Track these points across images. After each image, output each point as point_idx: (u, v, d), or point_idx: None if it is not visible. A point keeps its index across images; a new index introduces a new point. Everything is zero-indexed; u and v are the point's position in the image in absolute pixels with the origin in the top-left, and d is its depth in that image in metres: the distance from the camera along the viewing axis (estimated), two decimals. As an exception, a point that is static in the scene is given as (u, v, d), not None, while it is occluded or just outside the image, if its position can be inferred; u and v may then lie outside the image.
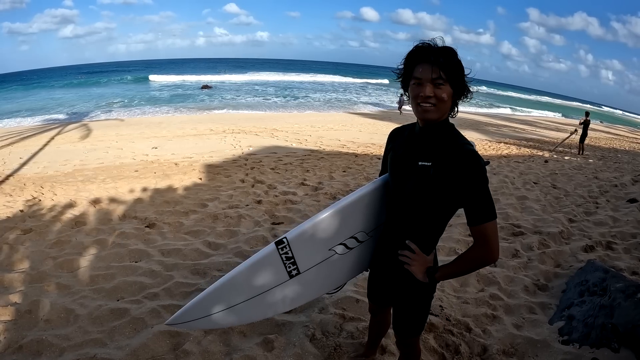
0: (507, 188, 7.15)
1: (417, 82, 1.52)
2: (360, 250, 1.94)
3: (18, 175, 7.98)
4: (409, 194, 1.64)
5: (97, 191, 6.36)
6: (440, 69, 1.47)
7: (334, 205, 1.82)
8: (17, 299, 3.12)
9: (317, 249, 1.84)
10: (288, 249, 1.78)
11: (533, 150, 14.20)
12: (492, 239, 1.51)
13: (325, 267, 1.88)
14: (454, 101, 1.58)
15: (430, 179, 1.54)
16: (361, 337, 2.67)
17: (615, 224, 5.30)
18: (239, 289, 1.81)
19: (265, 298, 1.84)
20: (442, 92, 1.49)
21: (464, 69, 1.53)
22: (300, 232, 1.79)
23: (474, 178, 1.48)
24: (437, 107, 1.51)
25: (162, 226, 4.81)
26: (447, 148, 1.53)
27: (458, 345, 2.68)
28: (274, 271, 1.81)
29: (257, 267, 1.80)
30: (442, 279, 1.67)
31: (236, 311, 1.83)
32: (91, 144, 11.48)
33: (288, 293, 1.86)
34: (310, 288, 1.92)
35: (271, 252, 1.78)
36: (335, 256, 1.88)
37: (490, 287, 3.54)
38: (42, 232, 4.56)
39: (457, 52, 1.52)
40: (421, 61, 1.51)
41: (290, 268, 1.81)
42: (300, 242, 1.79)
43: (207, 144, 11.45)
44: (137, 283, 3.43)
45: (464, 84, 1.55)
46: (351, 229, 1.87)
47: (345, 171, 8.31)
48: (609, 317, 2.72)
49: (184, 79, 43.57)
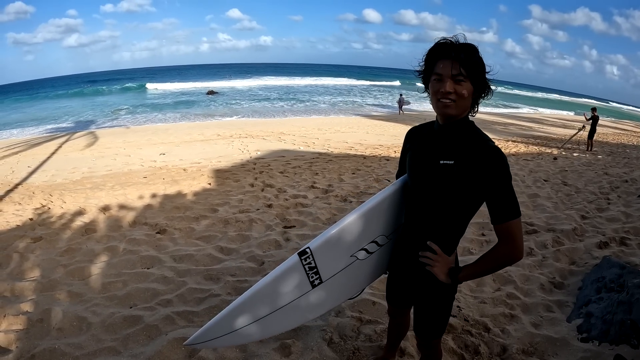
0: (517, 186, 7.09)
1: (438, 78, 1.50)
2: (380, 254, 1.91)
3: (27, 183, 8.02)
4: (431, 194, 1.62)
5: (106, 198, 6.37)
6: (460, 65, 1.44)
7: (357, 210, 1.79)
8: (28, 307, 3.11)
9: (340, 257, 1.81)
10: (311, 259, 1.75)
11: (541, 148, 14.13)
12: (517, 236, 1.50)
13: (347, 273, 1.85)
14: (474, 99, 1.55)
15: (454, 178, 1.52)
16: (379, 340, 2.65)
17: (628, 220, 5.25)
18: (264, 301, 1.77)
19: (288, 311, 1.81)
20: (463, 89, 1.47)
21: (485, 66, 1.51)
22: (323, 240, 1.76)
23: (500, 175, 1.46)
24: (457, 103, 1.49)
25: (173, 232, 4.80)
26: (469, 145, 1.51)
27: (477, 346, 2.65)
28: (296, 282, 1.78)
29: (281, 279, 1.76)
30: (465, 280, 1.64)
31: (260, 324, 1.79)
32: (99, 151, 11.53)
33: (310, 303, 1.83)
34: (332, 296, 1.89)
35: (295, 264, 1.75)
36: (357, 262, 1.85)
37: (507, 287, 3.51)
38: (52, 240, 4.55)
39: (479, 49, 1.50)
40: (442, 57, 1.49)
41: (313, 278, 1.79)
42: (323, 251, 1.77)
43: (214, 149, 11.48)
44: (150, 290, 3.41)
45: (484, 82, 1.52)
46: (372, 233, 1.85)
47: (355, 173, 8.29)
48: (628, 313, 2.69)
49: (182, 87, 43.14)
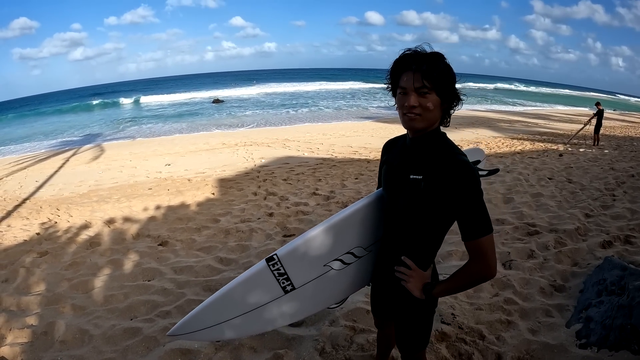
0: (521, 186, 7.04)
1: (403, 92, 1.47)
2: (359, 265, 1.91)
3: (34, 198, 8.14)
4: (402, 209, 1.60)
5: (112, 211, 6.45)
6: (423, 77, 1.41)
7: (325, 222, 1.80)
8: (33, 321, 3.19)
9: (311, 266, 1.82)
10: (280, 265, 1.76)
11: (547, 144, 14.01)
12: (488, 254, 1.43)
13: (323, 282, 1.86)
14: (444, 110, 1.52)
15: (422, 194, 1.49)
16: (372, 350, 2.64)
17: (634, 217, 5.17)
18: (232, 305, 1.79)
19: (262, 313, 1.83)
20: (427, 102, 1.43)
21: (453, 76, 1.47)
22: (291, 249, 1.78)
23: (467, 191, 1.41)
24: (422, 116, 1.45)
25: (175, 243, 4.86)
26: (438, 160, 1.47)
27: (471, 354, 2.62)
28: (267, 287, 1.80)
29: (250, 283, 1.79)
30: (439, 296, 1.62)
31: (233, 325, 1.82)
32: (105, 164, 11.66)
33: (286, 308, 1.85)
34: (309, 303, 1.90)
35: (262, 269, 1.77)
36: (332, 272, 1.85)
37: (505, 291, 3.46)
38: (58, 254, 4.64)
39: (444, 57, 1.46)
40: (405, 69, 1.46)
41: (285, 284, 1.80)
42: (292, 258, 1.78)
43: (219, 158, 11.55)
44: (150, 302, 3.47)
45: (452, 92, 1.48)
46: (347, 245, 1.84)
47: (358, 178, 8.28)
48: (628, 318, 2.61)
49: (188, 97, 42.56)
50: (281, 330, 2.87)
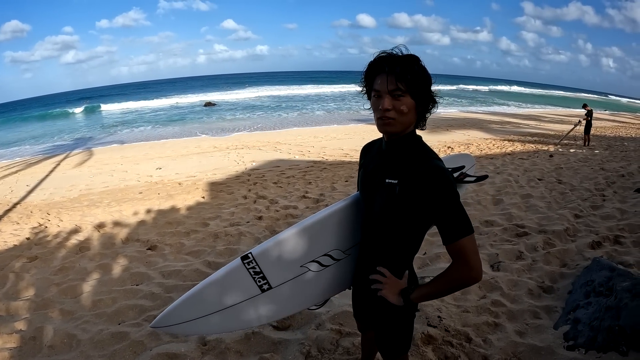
0: (511, 187, 7.07)
1: (377, 95, 1.45)
2: (339, 268, 1.90)
3: (25, 202, 8.10)
4: (377, 213, 1.58)
5: (102, 215, 6.43)
6: (397, 80, 1.39)
7: (300, 224, 1.80)
8: (22, 326, 3.20)
9: (287, 266, 1.81)
10: (255, 263, 1.76)
11: (538, 145, 14.11)
12: (471, 256, 1.39)
13: (300, 283, 1.85)
14: (419, 113, 1.50)
15: (396, 198, 1.47)
16: (357, 353, 2.63)
17: (623, 217, 5.18)
18: (209, 301, 1.79)
19: (240, 310, 1.82)
20: (401, 104, 1.41)
21: (429, 78, 1.45)
22: (265, 248, 1.77)
23: (442, 194, 1.38)
24: (397, 120, 1.43)
25: (164, 248, 4.84)
26: (412, 164, 1.45)
27: (457, 357, 2.61)
28: (243, 285, 1.79)
29: (225, 280, 1.78)
30: (419, 301, 1.59)
31: (211, 321, 1.81)
32: (96, 168, 11.61)
33: (263, 306, 1.84)
34: (287, 303, 1.89)
35: (238, 266, 1.76)
36: (310, 273, 1.85)
37: (493, 293, 3.46)
38: (47, 259, 4.63)
39: (419, 59, 1.44)
40: (379, 72, 1.44)
41: (261, 282, 1.79)
42: (266, 258, 1.77)
43: (210, 161, 11.53)
44: (138, 306, 3.47)
45: (427, 94, 1.46)
46: (324, 247, 1.84)
47: (348, 181, 8.30)
48: (616, 319, 2.62)
49: (179, 100, 41.62)
50: (267, 334, 2.87)
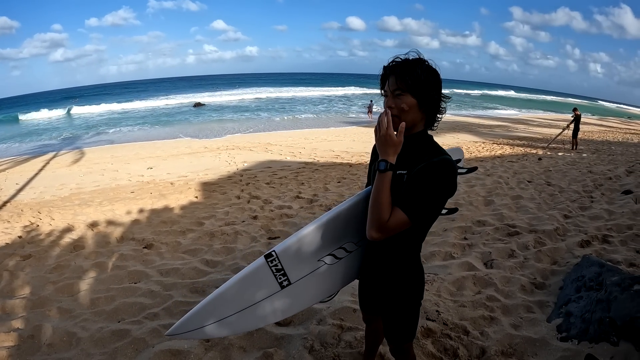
0: (501, 189, 7.18)
1: (385, 95, 1.61)
2: (349, 260, 1.97)
3: (15, 201, 8.02)
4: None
5: (95, 214, 6.39)
6: (397, 80, 1.54)
7: (318, 220, 1.86)
8: (19, 324, 3.16)
9: (306, 260, 1.88)
10: (277, 261, 1.82)
11: (527, 149, 14.29)
12: (400, 226, 1.53)
13: (316, 277, 1.92)
14: (426, 112, 1.60)
15: (403, 187, 1.57)
16: (359, 347, 2.68)
17: (611, 217, 5.31)
18: (230, 302, 1.84)
19: (257, 309, 1.87)
20: (402, 102, 1.54)
21: (433, 80, 1.56)
22: (287, 245, 1.83)
23: (436, 180, 1.50)
24: (400, 117, 1.56)
25: (160, 246, 4.84)
26: (423, 157, 1.55)
27: (456, 349, 2.68)
28: (265, 283, 1.85)
29: (248, 280, 1.83)
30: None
31: (228, 323, 1.86)
32: (87, 167, 11.53)
33: (280, 303, 1.90)
34: (302, 297, 1.95)
35: (261, 265, 1.82)
36: (325, 266, 1.92)
37: (487, 289, 3.54)
38: (42, 258, 4.59)
39: (425, 62, 1.56)
40: (387, 75, 1.59)
41: (282, 279, 1.85)
42: (288, 254, 1.83)
43: (201, 161, 11.51)
44: (137, 304, 3.46)
45: (429, 95, 1.57)
46: (339, 240, 1.91)
47: (340, 182, 8.35)
48: (606, 311, 2.70)
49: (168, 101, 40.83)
50: (270, 330, 2.90)
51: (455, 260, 4.18)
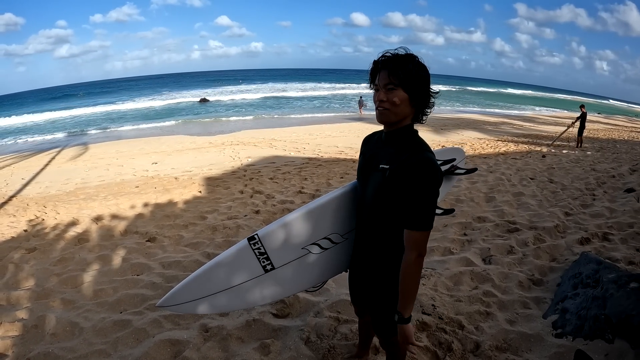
0: (503, 185, 7.19)
1: (375, 89, 1.64)
2: (336, 251, 2.02)
3: (21, 195, 8.10)
4: (369, 196, 1.72)
5: (99, 208, 6.46)
6: (389, 75, 1.56)
7: (303, 208, 1.92)
8: (23, 315, 3.23)
9: (290, 247, 1.92)
10: (260, 244, 1.86)
11: (531, 146, 14.23)
12: (423, 246, 1.60)
13: (301, 264, 1.96)
14: (415, 106, 1.63)
15: (385, 181, 1.61)
16: (355, 339, 2.72)
17: (612, 215, 5.31)
18: (215, 280, 1.88)
19: (244, 290, 1.92)
20: (394, 96, 1.57)
21: (424, 75, 1.60)
22: (271, 229, 1.88)
23: (423, 184, 1.53)
24: (390, 110, 1.59)
25: (163, 240, 4.90)
26: (405, 153, 1.60)
27: (450, 343, 2.71)
28: (248, 265, 1.90)
29: (232, 260, 1.88)
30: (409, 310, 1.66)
31: (216, 300, 1.91)
32: (92, 162, 11.62)
33: (265, 287, 1.95)
34: (288, 284, 2.00)
35: (244, 247, 1.87)
36: (311, 255, 1.96)
37: (484, 285, 3.57)
38: (46, 251, 4.66)
39: (416, 58, 1.59)
40: (378, 70, 1.62)
41: (265, 263, 1.90)
42: (271, 239, 1.88)
43: (206, 157, 11.56)
44: (139, 295, 3.52)
45: (420, 89, 1.60)
46: (324, 230, 1.96)
47: (343, 177, 8.37)
48: (602, 308, 2.72)
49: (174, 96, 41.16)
50: (267, 321, 2.95)
51: (454, 255, 4.21)
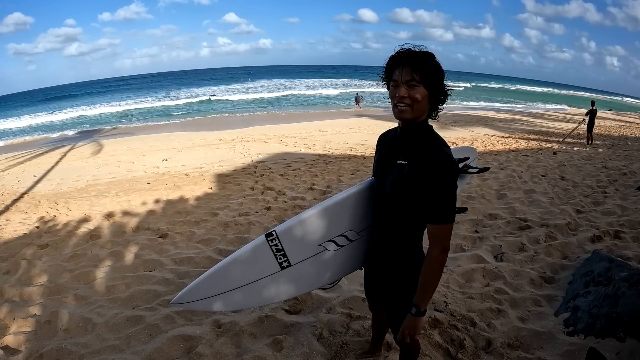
0: (514, 182, 7.16)
1: (394, 84, 1.62)
2: (352, 249, 2.02)
3: (32, 192, 8.17)
4: (387, 192, 1.73)
5: (111, 205, 6.51)
6: (412, 71, 1.56)
7: (320, 205, 1.93)
8: (36, 310, 3.25)
9: (307, 244, 1.93)
10: (277, 241, 1.88)
11: (542, 143, 14.12)
12: (446, 240, 1.63)
13: (317, 262, 1.97)
14: (432, 103, 1.64)
15: (404, 177, 1.62)
16: (367, 335, 2.73)
17: (624, 213, 5.27)
18: (232, 276, 1.90)
19: (260, 287, 1.93)
20: (416, 93, 1.57)
21: (442, 73, 1.61)
22: (288, 226, 1.90)
23: (441, 178, 1.54)
24: (411, 107, 1.59)
25: (175, 236, 4.93)
26: (422, 148, 1.60)
27: (462, 340, 2.72)
28: (265, 261, 1.91)
29: (249, 256, 1.90)
30: (425, 304, 1.69)
31: (231, 297, 1.92)
32: (102, 159, 11.70)
33: (281, 284, 1.96)
34: (303, 281, 2.01)
35: (261, 243, 1.89)
36: (327, 252, 1.97)
37: (496, 282, 3.57)
38: (58, 247, 4.70)
39: (435, 56, 1.60)
40: (397, 65, 1.61)
41: (281, 259, 1.91)
42: (289, 236, 1.89)
43: (216, 153, 11.59)
44: (152, 291, 3.54)
45: (439, 87, 1.62)
46: (340, 228, 1.96)
47: (354, 174, 8.37)
48: (614, 307, 2.71)
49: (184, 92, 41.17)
50: (280, 317, 2.97)
51: (466, 252, 4.21)
